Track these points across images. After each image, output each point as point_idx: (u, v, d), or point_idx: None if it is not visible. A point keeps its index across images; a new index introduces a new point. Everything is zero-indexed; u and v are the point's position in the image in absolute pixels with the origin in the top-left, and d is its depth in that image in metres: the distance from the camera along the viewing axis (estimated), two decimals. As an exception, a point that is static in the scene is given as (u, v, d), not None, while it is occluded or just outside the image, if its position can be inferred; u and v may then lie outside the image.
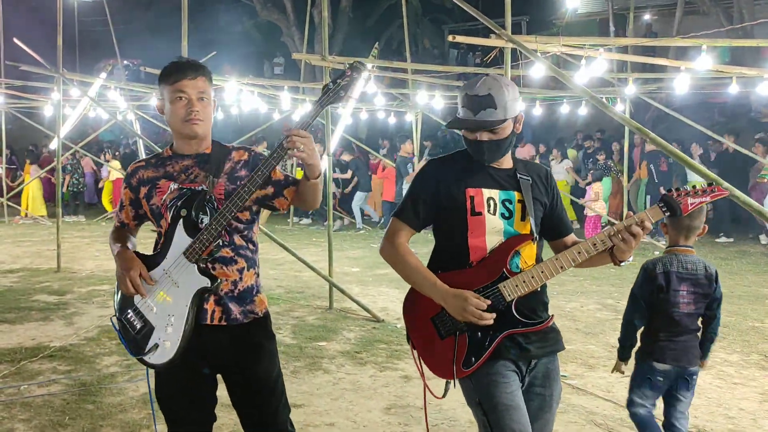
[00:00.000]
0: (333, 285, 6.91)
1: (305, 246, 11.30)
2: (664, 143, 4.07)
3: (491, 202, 2.38)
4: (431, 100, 12.90)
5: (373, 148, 15.29)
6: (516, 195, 2.41)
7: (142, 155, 14.74)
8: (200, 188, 2.45)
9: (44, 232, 13.21)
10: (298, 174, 15.93)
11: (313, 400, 4.31)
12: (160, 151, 2.64)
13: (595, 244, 2.30)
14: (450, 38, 6.86)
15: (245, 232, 2.51)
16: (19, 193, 15.62)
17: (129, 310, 2.47)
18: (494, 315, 2.26)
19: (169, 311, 2.42)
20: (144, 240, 2.68)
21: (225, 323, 2.47)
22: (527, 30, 21.38)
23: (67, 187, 15.47)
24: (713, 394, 4.53)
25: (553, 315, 2.43)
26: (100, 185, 16.61)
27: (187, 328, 2.40)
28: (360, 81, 2.45)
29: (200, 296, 2.41)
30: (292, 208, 12.60)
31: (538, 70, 8.16)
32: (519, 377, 2.36)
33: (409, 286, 2.46)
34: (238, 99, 13.12)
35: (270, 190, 2.52)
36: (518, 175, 2.44)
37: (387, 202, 14.00)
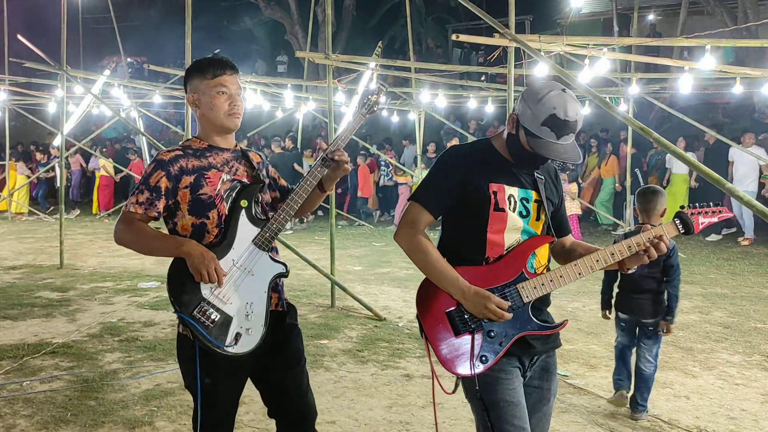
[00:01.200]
0: (335, 283, 6.92)
1: (307, 244, 11.31)
2: (667, 143, 4.06)
3: (512, 200, 2.35)
4: (434, 99, 12.91)
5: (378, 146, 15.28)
6: (533, 194, 2.40)
7: (146, 152, 14.76)
8: (244, 181, 2.55)
9: (47, 229, 13.25)
10: None
11: (315, 397, 4.31)
12: (164, 147, 2.67)
13: (613, 254, 2.31)
14: (453, 37, 6.85)
15: None
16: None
17: (202, 303, 2.41)
18: (512, 314, 2.26)
19: (247, 299, 2.45)
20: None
21: (280, 309, 2.61)
22: (531, 29, 21.34)
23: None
24: (715, 395, 4.53)
25: (567, 320, 2.44)
26: (101, 174, 16.31)
27: (267, 313, 2.48)
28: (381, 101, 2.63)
29: (272, 282, 2.51)
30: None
31: (541, 70, 8.15)
32: (521, 372, 2.36)
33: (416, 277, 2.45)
34: (242, 96, 13.12)
35: (276, 194, 2.75)
36: (536, 175, 2.42)
37: (361, 198, 14.70)
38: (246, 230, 2.47)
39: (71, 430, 3.83)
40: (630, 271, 2.39)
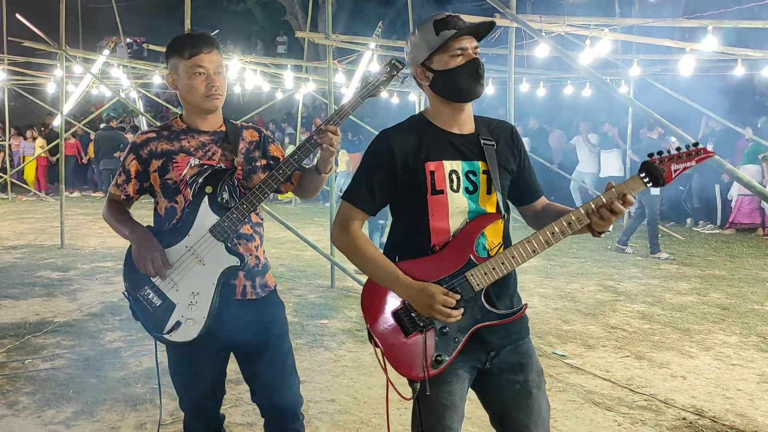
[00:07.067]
0: (334, 264, 6.94)
1: (307, 225, 11.33)
2: (668, 124, 4.06)
3: (454, 176, 2.10)
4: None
5: (375, 127, 15.24)
6: (481, 165, 2.12)
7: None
8: (219, 166, 2.45)
9: (48, 209, 13.27)
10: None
11: (315, 376, 4.36)
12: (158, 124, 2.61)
13: (570, 224, 2.01)
14: (454, 17, 6.80)
15: (257, 211, 2.54)
16: (4, 171, 15.70)
17: (146, 287, 2.41)
18: (462, 310, 2.03)
19: (193, 289, 2.39)
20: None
21: (251, 297, 2.50)
22: (532, 10, 21.16)
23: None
24: (711, 375, 4.57)
25: (526, 304, 2.17)
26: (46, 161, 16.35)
27: (213, 306, 2.38)
28: (395, 78, 2.41)
29: (227, 274, 2.41)
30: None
31: (542, 51, 8.12)
32: (474, 370, 2.17)
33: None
34: (241, 77, 13.10)
35: None
36: (482, 142, 2.14)
37: None
38: (205, 217, 2.40)
39: (73, 408, 3.87)
40: (602, 235, 2.04)
